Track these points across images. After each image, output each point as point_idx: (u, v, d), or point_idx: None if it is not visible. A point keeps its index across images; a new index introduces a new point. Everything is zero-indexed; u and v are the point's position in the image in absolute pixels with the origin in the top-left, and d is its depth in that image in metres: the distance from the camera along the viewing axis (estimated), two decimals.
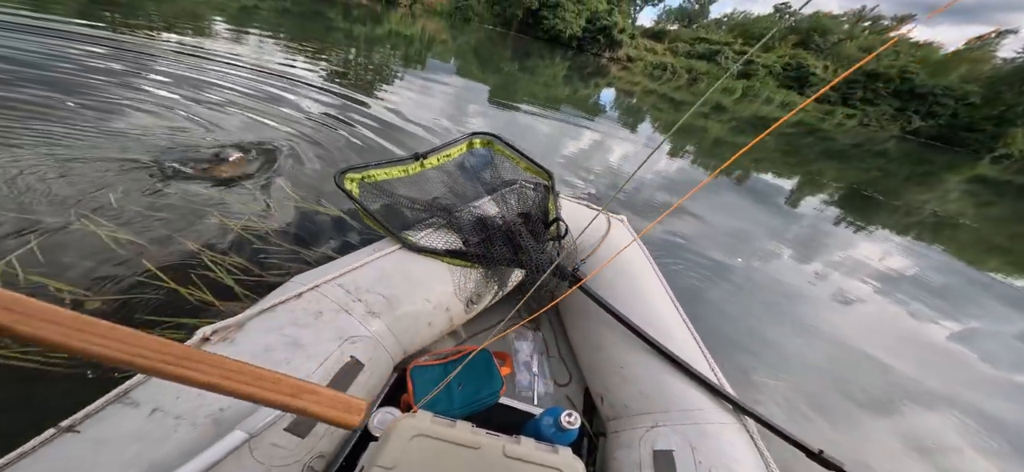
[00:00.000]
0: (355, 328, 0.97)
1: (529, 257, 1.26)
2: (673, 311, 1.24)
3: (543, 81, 11.53)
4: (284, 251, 1.84)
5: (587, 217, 1.57)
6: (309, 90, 4.45)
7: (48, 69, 3.17)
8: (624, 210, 3.49)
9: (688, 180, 5.22)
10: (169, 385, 0.73)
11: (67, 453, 0.61)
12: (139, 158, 2.21)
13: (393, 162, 1.54)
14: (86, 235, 1.60)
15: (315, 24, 11.31)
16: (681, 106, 14.75)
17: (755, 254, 3.47)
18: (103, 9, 5.96)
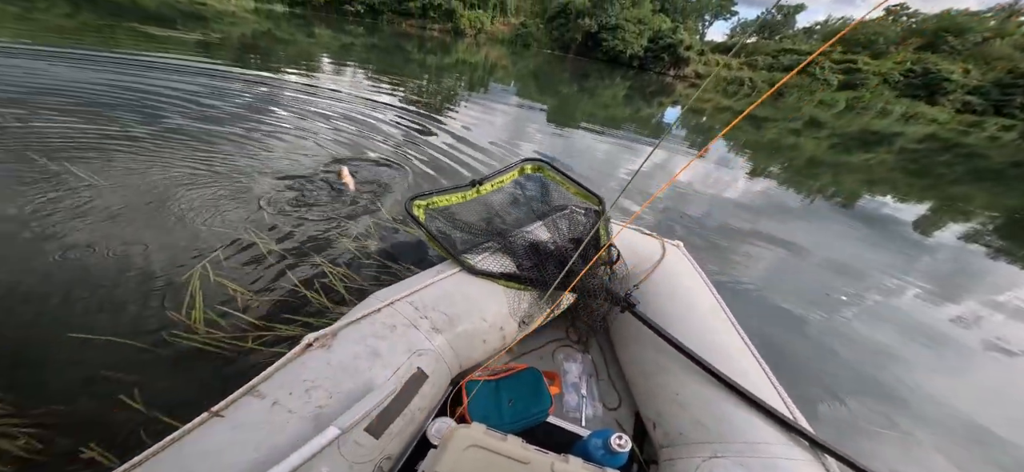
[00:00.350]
0: (422, 342, 1.08)
1: (580, 281, 1.27)
2: (737, 340, 1.20)
3: (602, 102, 11.40)
4: (376, 264, 2.10)
5: (642, 243, 1.60)
6: (393, 116, 5.08)
7: (214, 103, 4.20)
8: (692, 236, 3.18)
9: (770, 204, 4.54)
10: (286, 381, 0.89)
11: (215, 433, 0.78)
12: (281, 179, 2.77)
13: (453, 189, 1.68)
14: (249, 245, 2.03)
15: (396, 57, 13.15)
16: (764, 124, 13.25)
17: (866, 289, 2.83)
18: (249, 54, 7.93)
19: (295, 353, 0.96)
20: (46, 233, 1.87)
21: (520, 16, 40.49)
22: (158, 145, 2.96)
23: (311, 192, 2.66)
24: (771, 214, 4.19)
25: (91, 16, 9.92)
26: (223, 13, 19.74)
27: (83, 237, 1.88)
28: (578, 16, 33.98)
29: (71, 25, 8.19)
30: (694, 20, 48.46)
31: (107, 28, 8.50)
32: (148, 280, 1.71)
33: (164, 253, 1.86)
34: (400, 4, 34.98)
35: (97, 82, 4.21)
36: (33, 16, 8.39)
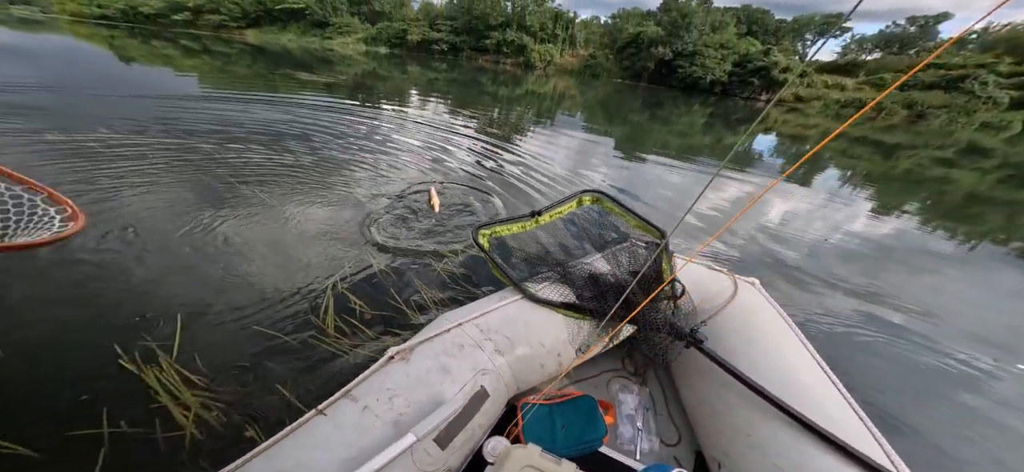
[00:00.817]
0: (485, 362, 1.17)
1: (640, 314, 1.26)
2: (825, 382, 1.14)
3: (678, 130, 10.74)
4: (451, 283, 2.25)
5: (711, 279, 1.58)
6: (467, 144, 5.55)
7: (334, 135, 5.15)
8: (786, 279, 2.66)
9: (905, 248, 3.59)
10: (373, 388, 1.01)
11: (319, 430, 0.91)
12: (385, 199, 3.21)
13: (514, 219, 1.77)
14: (366, 264, 2.31)
15: (472, 89, 14.70)
16: (897, 151, 10.94)
17: None
18: (359, 92, 9.73)
19: (380, 364, 1.10)
20: (230, 240, 2.41)
21: (589, 48, 41.44)
22: (303, 169, 3.70)
23: (406, 215, 2.98)
24: (903, 261, 3.34)
25: (261, 66, 13.85)
26: (345, 57, 25.18)
27: (253, 246, 2.39)
28: (651, 45, 33.42)
29: (249, 73, 11.46)
30: (792, 40, 43.74)
31: (270, 75, 11.59)
32: (298, 289, 2.05)
33: (306, 268, 2.22)
34: (477, 42, 38.91)
35: (263, 119, 5.50)
36: (228, 68, 12.13)
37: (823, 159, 8.98)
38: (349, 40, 39.75)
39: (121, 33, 25.21)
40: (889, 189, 6.37)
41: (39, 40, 15.05)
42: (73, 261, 2.03)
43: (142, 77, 8.69)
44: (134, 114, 4.91)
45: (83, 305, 1.80)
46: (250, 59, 16.02)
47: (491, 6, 38.31)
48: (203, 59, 14.20)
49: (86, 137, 3.74)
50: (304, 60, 18.59)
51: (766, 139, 11.06)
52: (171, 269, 2.08)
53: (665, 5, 35.85)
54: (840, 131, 0.78)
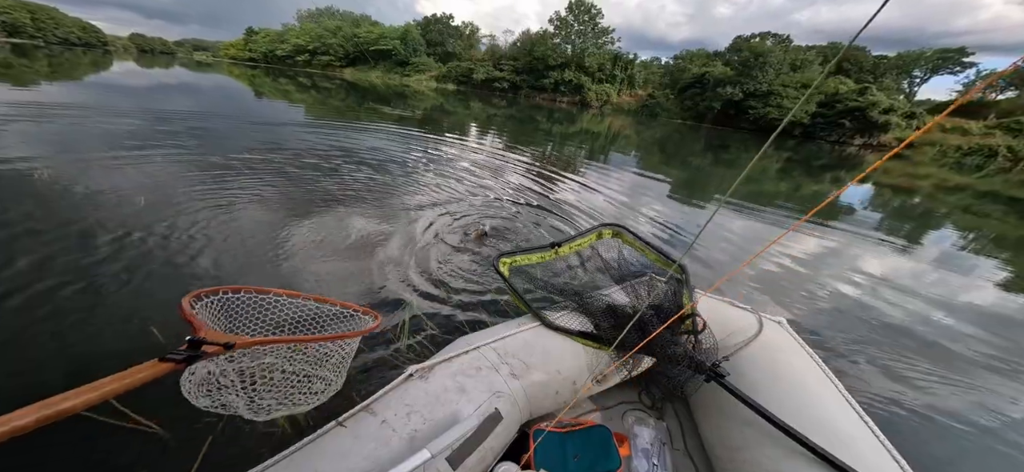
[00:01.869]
0: (501, 385, 1.18)
1: (660, 346, 1.31)
2: (856, 421, 1.11)
3: (748, 176, 9.98)
4: (481, 309, 2.35)
5: (735, 315, 1.58)
6: (517, 177, 5.82)
7: (403, 161, 5.87)
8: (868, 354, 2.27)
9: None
10: (392, 402, 1.06)
11: (338, 441, 0.96)
12: (444, 227, 3.52)
13: (534, 249, 1.83)
14: (437, 290, 2.51)
15: (528, 125, 15.52)
16: None
17: None
18: (426, 124, 10.95)
19: (400, 380, 1.13)
20: (300, 246, 2.86)
21: (648, 88, 41.35)
22: (383, 193, 4.25)
23: (460, 245, 3.20)
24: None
25: (351, 100, 16.63)
26: (417, 92, 29.06)
27: (319, 252, 2.80)
28: (717, 85, 32.32)
29: (342, 106, 13.96)
30: (895, 78, 39.18)
31: (358, 107, 13.91)
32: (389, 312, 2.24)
33: (388, 290, 2.45)
34: (536, 81, 41.15)
35: (353, 146, 6.45)
36: (326, 101, 14.84)
37: (938, 217, 7.63)
38: (423, 77, 45.15)
39: (260, 72, 33.06)
40: (1012, 254, 5.17)
41: (205, 78, 20.20)
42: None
43: (267, 107, 11.24)
44: (259, 137, 6.32)
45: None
46: (344, 93, 19.41)
47: (551, 48, 40.63)
48: (311, 94, 17.46)
49: (224, 157, 4.81)
50: (385, 94, 21.75)
51: (860, 190, 9.74)
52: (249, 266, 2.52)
53: (735, 45, 34.82)
54: (876, 166, 0.67)
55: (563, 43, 41.35)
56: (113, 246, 2.51)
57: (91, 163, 4.04)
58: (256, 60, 55.93)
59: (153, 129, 5.94)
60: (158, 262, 2.43)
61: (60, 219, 2.76)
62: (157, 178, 3.82)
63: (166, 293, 2.15)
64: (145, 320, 1.92)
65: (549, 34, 41.73)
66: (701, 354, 1.30)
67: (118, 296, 2.10)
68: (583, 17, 40.39)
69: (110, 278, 2.22)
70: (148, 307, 2.03)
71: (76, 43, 67.30)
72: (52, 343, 1.76)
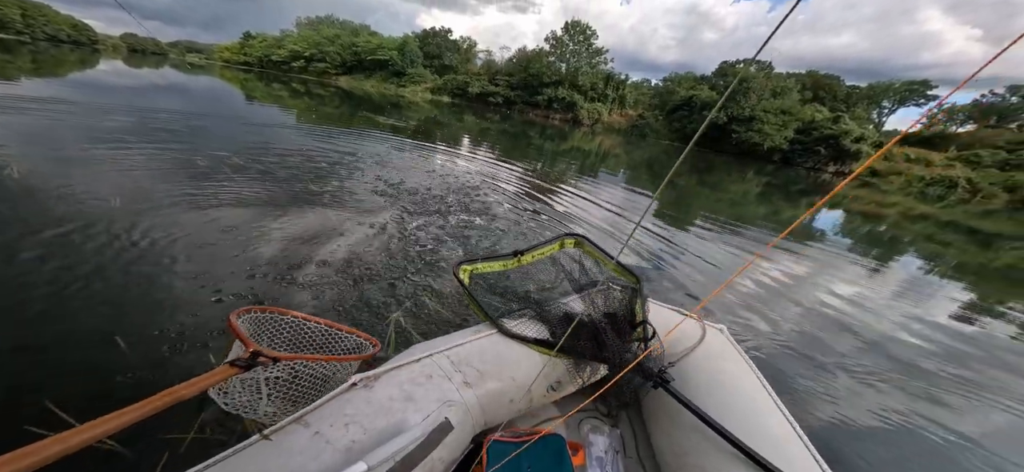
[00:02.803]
0: (452, 394, 1.14)
1: (612, 354, 1.33)
2: (786, 427, 1.15)
3: (728, 198, 10.50)
4: (437, 317, 2.37)
5: (680, 323, 1.59)
6: (502, 192, 5.77)
7: (392, 169, 5.68)
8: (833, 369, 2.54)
9: (993, 356, 3.19)
10: (330, 413, 0.98)
11: (260, 456, 0.88)
12: (413, 238, 3.52)
13: (497, 257, 1.79)
14: (390, 297, 2.58)
15: (520, 140, 15.86)
16: (997, 242, 9.66)
17: None
18: (418, 135, 10.97)
19: (341, 390, 1.05)
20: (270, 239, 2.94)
21: (638, 108, 42.66)
22: (362, 201, 4.28)
23: (435, 252, 3.26)
24: (982, 362, 2.98)
25: (345, 108, 16.72)
26: (412, 102, 29.11)
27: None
28: (703, 108, 33.60)
29: (336, 113, 14.06)
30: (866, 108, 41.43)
31: (351, 115, 14.07)
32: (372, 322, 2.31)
33: (370, 303, 2.43)
34: (530, 97, 41.96)
35: (339, 150, 6.52)
36: (319, 108, 14.93)
37: (903, 244, 8.21)
38: (418, 88, 45.28)
39: (253, 76, 32.44)
40: (984, 284, 5.66)
41: (196, 81, 19.99)
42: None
43: (257, 112, 11.19)
44: (248, 140, 6.37)
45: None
46: (338, 101, 19.45)
47: (546, 66, 41.68)
48: (304, 100, 17.44)
49: (209, 157, 4.85)
50: (379, 103, 21.90)
51: (832, 215, 10.38)
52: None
53: (721, 70, 36.39)
54: (824, 201, 0.85)
55: (558, 61, 42.47)
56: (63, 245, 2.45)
57: (60, 159, 4.05)
58: (250, 64, 55.24)
59: (112, 125, 5.82)
60: (121, 266, 2.36)
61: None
62: (131, 179, 3.78)
63: (121, 299, 2.09)
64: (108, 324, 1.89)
65: (545, 52, 42.83)
66: (649, 361, 1.33)
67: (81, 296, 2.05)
68: (578, 37, 41.65)
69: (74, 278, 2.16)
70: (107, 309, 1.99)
71: (64, 40, 65.35)
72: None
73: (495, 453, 1.17)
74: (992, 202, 20.52)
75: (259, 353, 1.03)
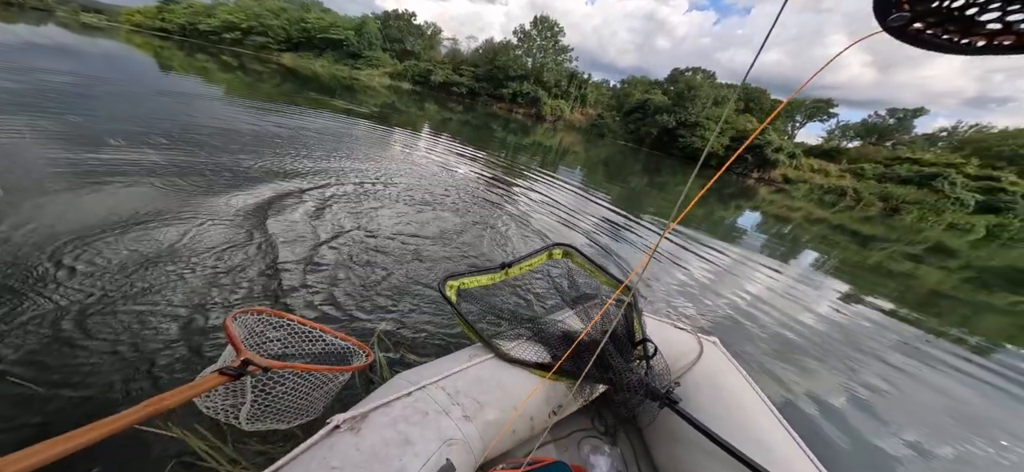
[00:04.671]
0: (452, 431, 1.01)
1: (618, 376, 1.28)
2: (791, 442, 1.15)
3: (672, 199, 11.59)
4: (429, 330, 2.22)
5: (676, 337, 1.56)
6: (463, 187, 5.62)
7: (345, 156, 5.46)
8: (753, 353, 3.17)
9: (865, 334, 4.19)
10: (313, 466, 0.84)
11: None
12: (377, 236, 3.32)
13: (482, 271, 1.66)
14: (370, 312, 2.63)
15: (483, 132, 15.77)
16: (872, 243, 11.89)
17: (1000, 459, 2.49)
18: (384, 119, 10.27)
19: (321, 436, 0.91)
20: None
21: (598, 108, 44.34)
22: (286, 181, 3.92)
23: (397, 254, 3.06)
24: (863, 342, 3.86)
25: (288, 87, 15.13)
26: (368, 87, 26.64)
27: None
28: (656, 112, 35.80)
29: (276, 92, 12.73)
30: (784, 121, 47.00)
31: (294, 94, 12.85)
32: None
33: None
34: (495, 90, 41.63)
35: (278, 126, 6.03)
36: (257, 85, 13.38)
37: (801, 243, 9.85)
38: (376, 73, 42.05)
39: (172, 45, 27.17)
40: (860, 278, 7.09)
41: (92, 43, 16.67)
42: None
43: (173, 82, 9.79)
44: (156, 112, 5.62)
45: None
46: (280, 79, 17.38)
47: (513, 59, 41.46)
48: (237, 75, 15.42)
49: (96, 124, 4.35)
50: (329, 85, 19.93)
51: (753, 216, 12.06)
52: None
53: (672, 76, 39.06)
54: (697, 198, 1.14)
55: (525, 55, 42.46)
56: None
57: None
58: (169, 32, 45.36)
59: None
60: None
61: None
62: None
63: None
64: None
65: (512, 45, 42.57)
66: (654, 380, 1.29)
67: None
68: (546, 33, 41.93)
69: None
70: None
71: None
72: None
73: None
74: (870, 209, 24.74)
75: (249, 361, 0.99)
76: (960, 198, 25.08)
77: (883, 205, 25.95)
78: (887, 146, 38.63)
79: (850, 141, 43.41)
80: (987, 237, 20.37)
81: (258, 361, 1.01)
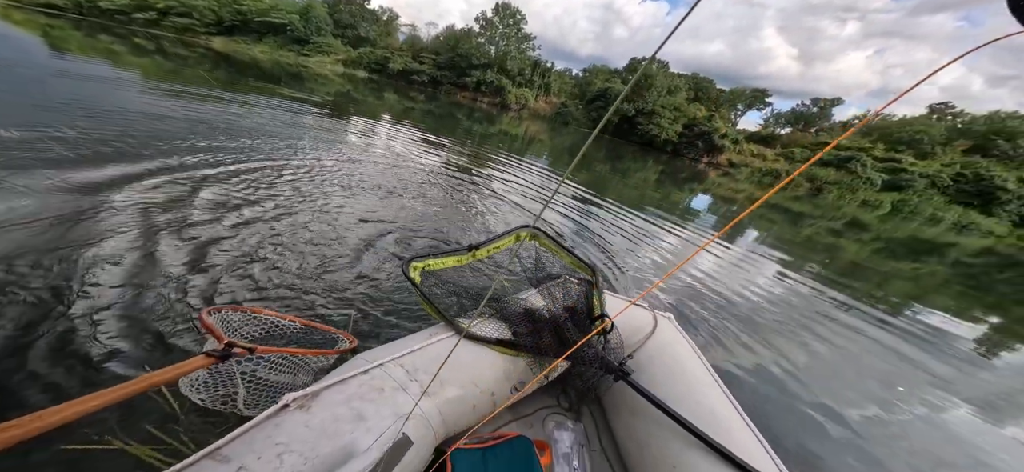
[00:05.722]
0: (409, 407, 1.00)
1: (574, 350, 1.28)
2: (734, 413, 1.18)
3: (633, 184, 11.93)
4: (386, 311, 2.20)
5: (633, 313, 1.60)
6: (428, 175, 5.48)
7: (295, 144, 4.95)
8: (702, 324, 3.30)
9: (800, 301, 4.54)
10: (254, 444, 0.80)
11: None
12: (342, 236, 3.10)
13: (449, 252, 1.66)
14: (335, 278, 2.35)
15: (448, 122, 15.09)
16: (802, 220, 13.11)
17: (904, 407, 2.76)
18: (340, 108, 9.47)
19: (269, 414, 0.86)
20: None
21: (561, 96, 44.63)
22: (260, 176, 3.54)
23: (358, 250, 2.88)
24: (797, 311, 4.16)
25: (223, 73, 13.16)
26: (319, 75, 24.24)
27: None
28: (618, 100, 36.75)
29: (207, 80, 10.84)
30: (728, 109, 50.38)
31: (234, 81, 11.28)
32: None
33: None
34: (458, 78, 40.31)
35: (213, 113, 5.30)
36: (182, 71, 11.44)
37: (747, 221, 10.62)
38: (327, 59, 38.62)
39: (65, 24, 21.78)
40: (794, 252, 7.76)
41: None
42: None
43: (75, 65, 7.93)
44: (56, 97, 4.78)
45: None
46: (210, 65, 14.73)
47: (476, 47, 40.24)
48: (154, 59, 12.94)
49: None
50: (273, 73, 17.55)
51: (703, 198, 12.80)
52: None
53: (631, 66, 40.14)
54: (762, 201, 1.02)
55: (487, 43, 41.38)
56: None
57: None
58: (59, 8, 35.31)
59: None
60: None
61: None
62: None
63: None
64: None
65: (474, 33, 41.26)
66: (610, 354, 1.32)
67: None
68: (508, 20, 41.03)
69: None
70: None
71: None
72: None
73: (460, 463, 1.07)
74: (799, 190, 27.43)
75: (233, 344, 1.01)
76: (870, 177, 28.59)
77: (810, 185, 28.91)
78: (812, 132, 42.84)
79: (783, 128, 47.63)
80: (892, 212, 23.48)
81: (242, 344, 1.02)
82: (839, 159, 30.48)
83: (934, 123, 34.96)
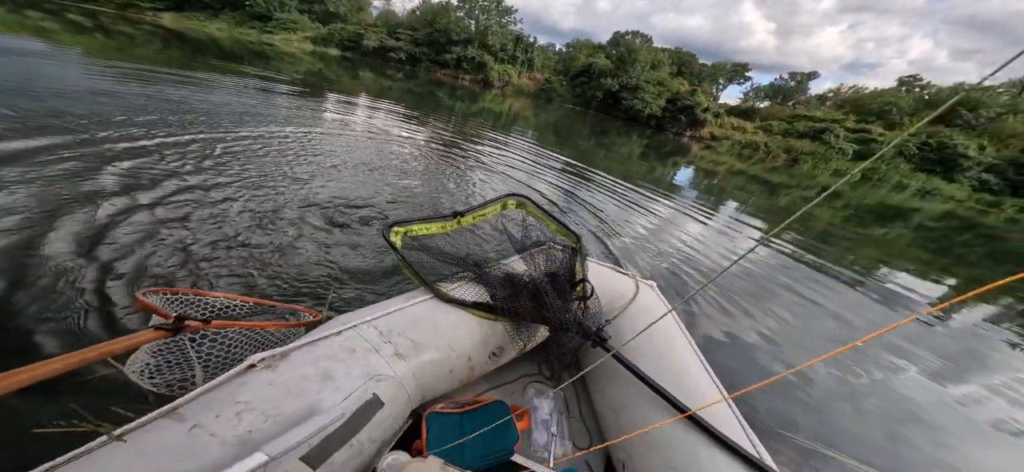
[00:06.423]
0: (381, 367, 0.98)
1: (553, 315, 1.25)
2: (709, 382, 1.17)
3: (619, 158, 11.84)
4: (361, 279, 2.20)
5: (616, 280, 1.58)
6: (410, 155, 5.27)
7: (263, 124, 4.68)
8: (687, 290, 3.30)
9: (779, 266, 4.62)
10: (214, 403, 0.75)
11: (109, 461, 0.63)
12: (316, 205, 2.95)
13: (433, 218, 1.64)
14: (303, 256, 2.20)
15: (429, 101, 14.45)
16: (779, 190, 13.37)
17: (868, 365, 2.85)
18: (303, 89, 8.81)
19: (233, 374, 0.82)
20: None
21: (545, 72, 43.47)
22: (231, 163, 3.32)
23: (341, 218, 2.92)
24: (775, 276, 4.25)
25: (177, 53, 11.82)
26: (286, 54, 22.14)
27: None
28: (600, 75, 36.09)
29: (160, 58, 9.89)
30: (709, 84, 50.41)
31: (189, 60, 10.18)
32: None
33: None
34: (437, 55, 38.46)
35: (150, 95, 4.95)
36: (129, 50, 10.21)
37: (725, 193, 10.74)
38: (294, 37, 35.37)
39: None
40: (771, 220, 7.91)
41: None
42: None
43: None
44: None
45: None
46: (161, 44, 13.19)
47: (455, 22, 38.31)
48: (95, 37, 11.41)
49: None
50: (234, 52, 15.71)
51: (686, 171, 12.85)
52: None
53: (614, 40, 39.24)
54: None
55: (466, 18, 39.44)
56: None
57: None
58: None
59: None
60: None
61: None
62: None
63: None
64: None
65: (453, 7, 39.17)
66: (589, 320, 1.29)
67: None
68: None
69: None
70: None
71: None
72: None
73: (435, 425, 1.07)
74: (777, 160, 28.03)
75: (185, 318, 0.91)
76: (842, 148, 29.47)
77: (787, 156, 29.58)
78: (789, 105, 43.53)
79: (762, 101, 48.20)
80: (862, 180, 24.33)
81: (196, 318, 0.94)
82: (814, 131, 31.18)
83: (903, 95, 36.07)
